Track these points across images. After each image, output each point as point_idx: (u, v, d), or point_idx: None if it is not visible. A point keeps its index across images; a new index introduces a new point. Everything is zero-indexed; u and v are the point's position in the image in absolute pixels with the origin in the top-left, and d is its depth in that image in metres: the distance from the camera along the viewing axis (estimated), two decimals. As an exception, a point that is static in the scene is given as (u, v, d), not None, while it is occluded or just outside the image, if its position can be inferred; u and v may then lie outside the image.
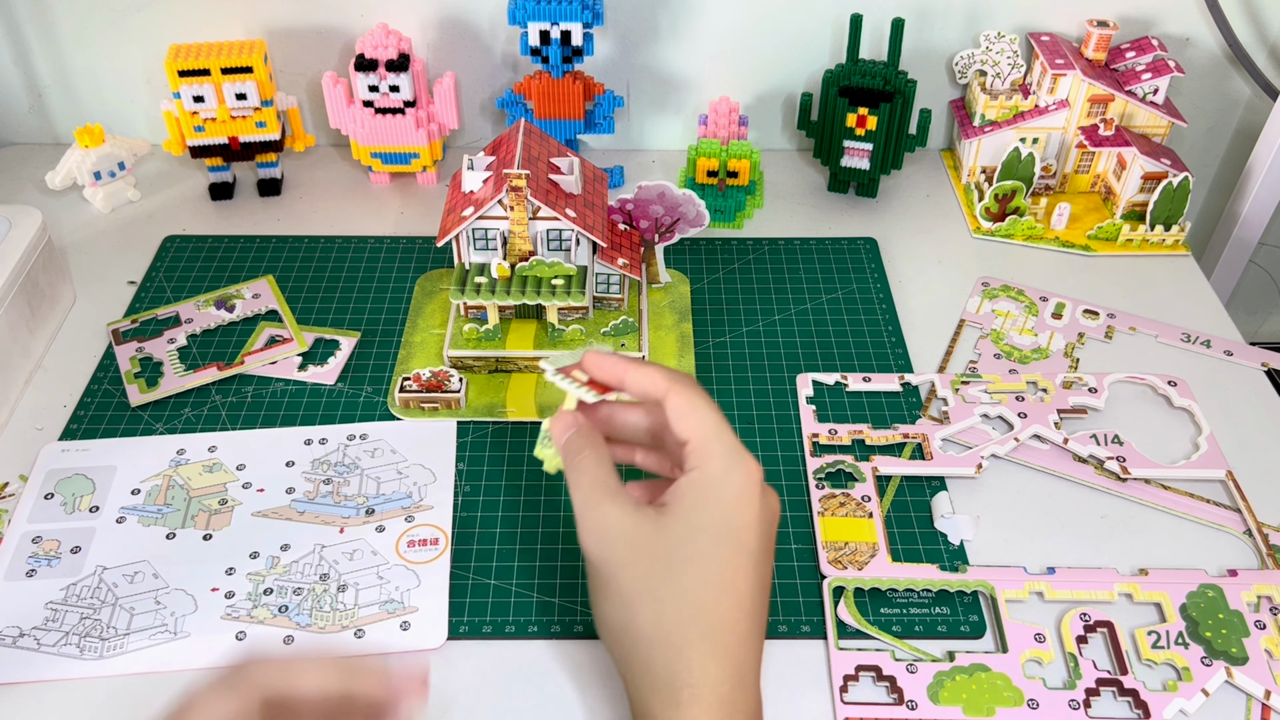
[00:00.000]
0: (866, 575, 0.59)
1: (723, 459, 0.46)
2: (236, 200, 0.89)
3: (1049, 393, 0.69)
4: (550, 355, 0.51)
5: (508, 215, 0.66)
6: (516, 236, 0.67)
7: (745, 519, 0.46)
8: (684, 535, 0.45)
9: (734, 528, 0.46)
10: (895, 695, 0.54)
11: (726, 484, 0.46)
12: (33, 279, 0.72)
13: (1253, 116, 0.95)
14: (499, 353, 0.70)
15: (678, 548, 0.45)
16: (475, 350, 0.70)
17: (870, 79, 0.82)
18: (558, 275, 0.68)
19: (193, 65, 0.81)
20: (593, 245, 0.69)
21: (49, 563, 0.60)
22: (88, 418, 0.69)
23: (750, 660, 0.46)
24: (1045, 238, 0.84)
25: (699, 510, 0.46)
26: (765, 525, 0.47)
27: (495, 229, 0.67)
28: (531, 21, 0.79)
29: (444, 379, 0.68)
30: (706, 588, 0.45)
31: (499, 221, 0.67)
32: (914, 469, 0.65)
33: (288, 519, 0.62)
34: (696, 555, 0.45)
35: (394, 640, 0.56)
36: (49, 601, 0.58)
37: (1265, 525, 0.62)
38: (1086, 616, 0.57)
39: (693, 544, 0.45)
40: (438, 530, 0.62)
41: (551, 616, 0.58)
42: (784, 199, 0.90)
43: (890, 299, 0.79)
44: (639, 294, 0.73)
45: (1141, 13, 0.88)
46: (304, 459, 0.66)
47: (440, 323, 0.75)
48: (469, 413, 0.68)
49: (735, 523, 0.46)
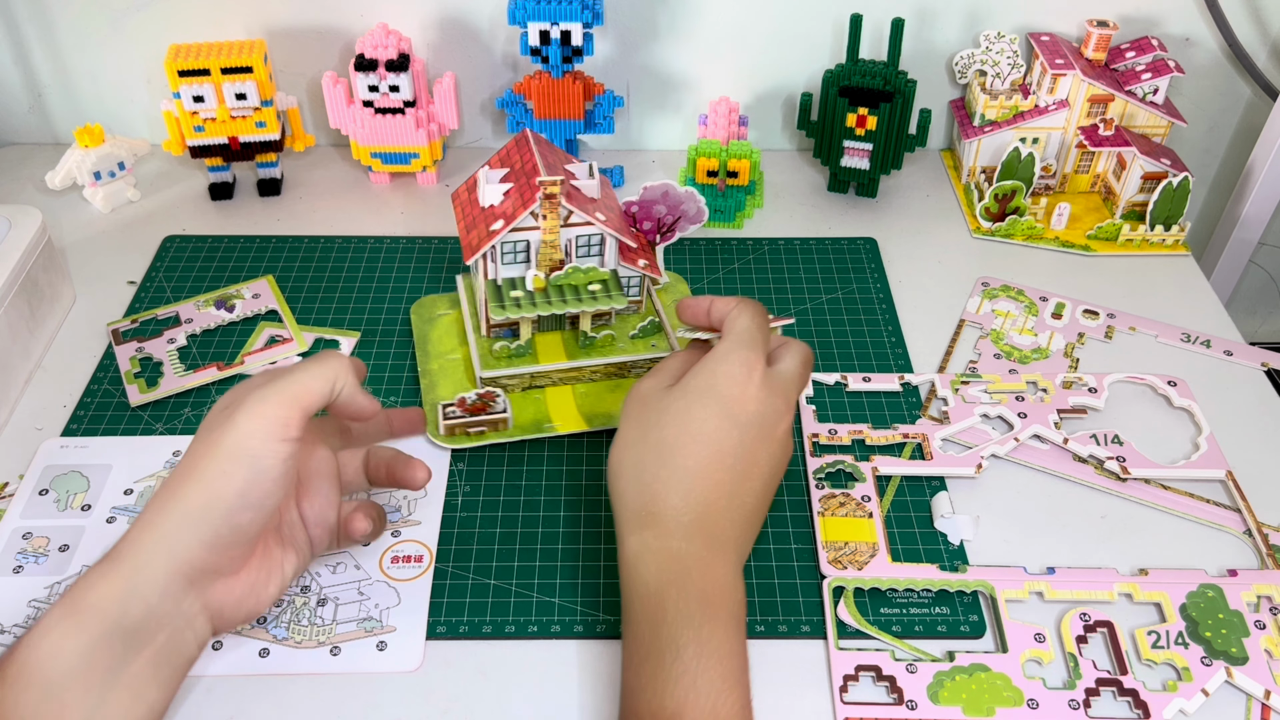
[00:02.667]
0: (866, 575, 0.59)
1: (729, 343, 0.55)
2: (236, 200, 0.89)
3: (1049, 393, 0.69)
4: (678, 335, 0.63)
5: (539, 225, 0.64)
6: (548, 246, 0.65)
7: (734, 392, 0.53)
8: (677, 395, 0.54)
9: (722, 395, 0.53)
10: (895, 695, 0.54)
11: (724, 361, 0.54)
12: (33, 279, 0.72)
13: (1253, 116, 0.95)
14: (534, 368, 0.68)
15: (670, 405, 0.53)
16: (510, 369, 0.68)
17: (870, 79, 0.82)
18: (593, 280, 0.67)
19: (193, 65, 0.81)
20: (618, 248, 0.68)
21: (36, 560, 0.60)
22: (87, 418, 0.69)
23: (724, 516, 0.51)
24: (1045, 238, 0.84)
25: (695, 378, 0.54)
26: (760, 407, 0.53)
27: (524, 240, 0.65)
28: (531, 21, 0.79)
29: (489, 399, 0.65)
30: (684, 437, 0.52)
31: (527, 233, 0.64)
32: (914, 469, 0.65)
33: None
34: (682, 411, 0.53)
35: (369, 660, 0.55)
36: (32, 599, 0.58)
37: (1265, 525, 0.62)
38: (1086, 616, 0.57)
39: (682, 401, 0.53)
40: (423, 547, 0.61)
41: (551, 616, 0.58)
42: (784, 199, 0.90)
43: (890, 299, 0.79)
44: (651, 295, 0.73)
45: (1141, 13, 0.88)
46: None
47: (452, 348, 0.72)
48: (515, 432, 0.66)
49: (724, 391, 0.53)
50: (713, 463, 0.52)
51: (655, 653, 0.47)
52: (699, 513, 0.51)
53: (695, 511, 0.51)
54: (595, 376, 0.69)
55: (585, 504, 0.64)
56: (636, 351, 0.69)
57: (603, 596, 0.59)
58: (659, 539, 0.50)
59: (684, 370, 0.56)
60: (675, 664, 0.46)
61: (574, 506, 0.63)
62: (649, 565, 0.50)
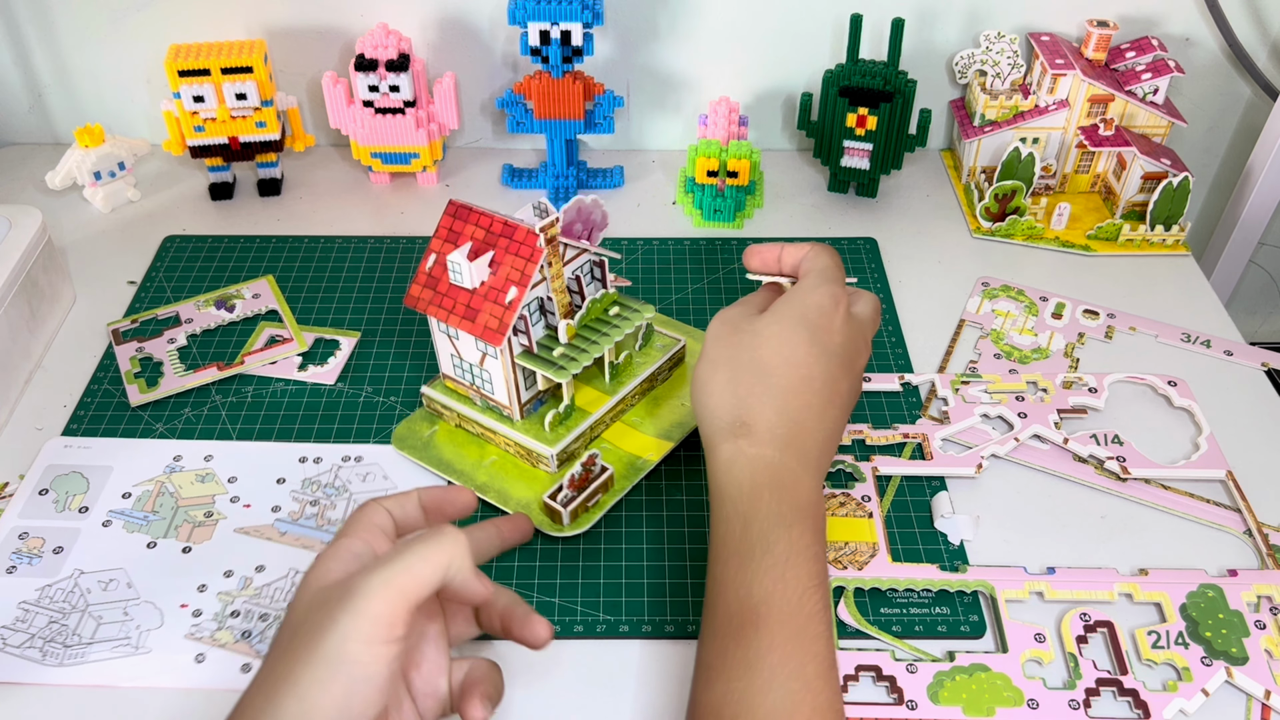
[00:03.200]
0: (867, 575, 0.59)
1: (813, 278, 0.58)
2: (236, 200, 0.89)
3: (1049, 393, 0.69)
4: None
5: (545, 276, 0.61)
6: (558, 291, 0.62)
7: (822, 321, 0.56)
8: (769, 321, 0.57)
9: (812, 324, 0.56)
10: (895, 695, 0.54)
11: (813, 292, 0.57)
12: (33, 279, 0.72)
13: (1253, 116, 0.95)
14: (590, 420, 0.65)
15: (762, 329, 0.56)
16: (571, 432, 0.64)
17: (870, 79, 0.82)
18: (608, 304, 0.65)
19: (193, 65, 0.81)
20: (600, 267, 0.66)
21: (30, 561, 0.60)
22: (88, 418, 0.69)
23: (811, 437, 0.54)
24: (1045, 238, 0.84)
25: (786, 306, 0.57)
26: (846, 338, 0.57)
27: (534, 298, 0.62)
28: (531, 21, 0.79)
29: (589, 465, 0.61)
30: (777, 358, 0.55)
31: (535, 289, 0.61)
32: (914, 469, 0.65)
33: (268, 539, 0.61)
34: (775, 335, 0.56)
35: None
36: (22, 601, 0.58)
37: (1265, 525, 0.62)
38: (1086, 616, 0.57)
39: (775, 326, 0.56)
40: None
41: (552, 616, 0.58)
42: (784, 199, 0.90)
43: (890, 299, 0.79)
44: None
45: (1141, 13, 0.88)
46: (295, 477, 0.65)
47: (480, 455, 0.65)
48: (622, 484, 0.63)
49: (813, 320, 0.56)
50: (803, 385, 0.54)
51: (745, 547, 0.49)
52: (790, 429, 0.53)
53: (787, 427, 0.53)
54: (635, 401, 0.68)
55: (585, 504, 0.64)
56: (654, 358, 0.69)
57: (603, 597, 0.59)
58: (754, 446, 0.52)
59: (767, 303, 0.59)
60: (766, 557, 0.48)
61: (574, 506, 0.63)
62: (743, 469, 0.52)
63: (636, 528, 0.62)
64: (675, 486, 0.65)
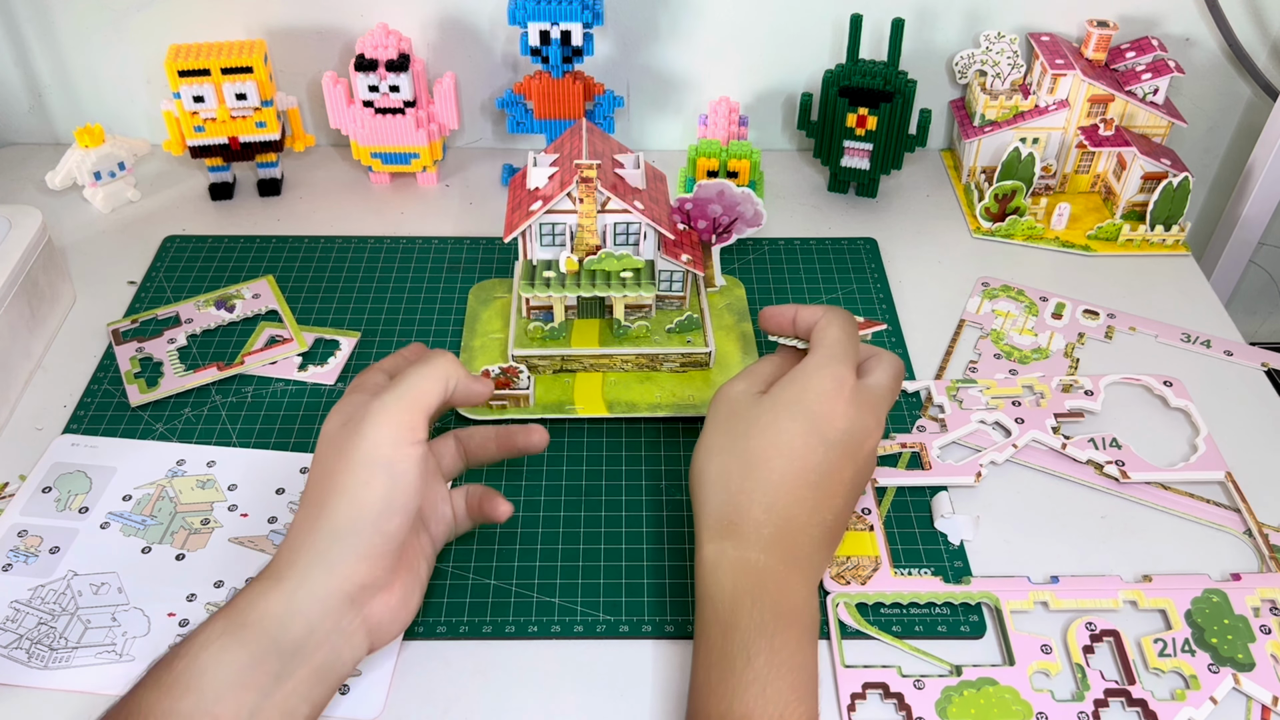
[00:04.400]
0: (870, 590, 0.58)
1: (820, 356, 0.54)
2: (236, 200, 0.89)
3: (1045, 396, 0.69)
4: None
5: (576, 208, 0.65)
6: (585, 230, 0.66)
7: (824, 408, 0.53)
8: (767, 406, 0.54)
9: (811, 411, 0.53)
10: (904, 712, 0.53)
11: (814, 375, 0.54)
12: (33, 279, 0.72)
13: (1253, 116, 0.95)
14: (565, 351, 0.69)
15: (759, 416, 0.53)
16: (541, 349, 0.69)
17: (870, 79, 0.82)
18: (626, 268, 0.67)
19: (193, 65, 0.81)
20: (658, 241, 0.68)
21: (26, 560, 0.60)
22: (88, 418, 0.69)
23: (804, 533, 0.52)
24: (1045, 238, 0.84)
25: (785, 390, 0.54)
26: (850, 423, 0.53)
27: (563, 223, 0.66)
28: (531, 21, 0.79)
29: (513, 375, 0.67)
30: (770, 449, 0.52)
31: (566, 216, 0.66)
32: (912, 479, 0.64)
33: (261, 550, 0.61)
34: (770, 423, 0.53)
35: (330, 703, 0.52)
36: (14, 600, 0.58)
37: (1265, 526, 0.62)
38: (1092, 625, 0.56)
39: (771, 413, 0.53)
40: None
41: (551, 616, 0.58)
42: (784, 199, 0.90)
43: (890, 299, 0.79)
44: (699, 294, 0.73)
45: (1141, 13, 0.88)
46: (295, 488, 0.64)
47: (497, 328, 0.74)
48: (537, 410, 0.68)
49: (813, 408, 0.53)
50: (797, 478, 0.52)
51: (726, 658, 0.47)
52: (779, 527, 0.51)
53: (776, 525, 0.51)
54: (626, 366, 0.70)
55: (585, 504, 0.64)
56: (669, 345, 0.69)
57: (603, 597, 0.59)
58: (737, 549, 0.51)
59: (775, 376, 0.56)
60: (746, 670, 0.47)
61: (574, 506, 0.63)
62: (725, 573, 0.50)
63: (636, 528, 0.62)
64: (675, 486, 0.65)
